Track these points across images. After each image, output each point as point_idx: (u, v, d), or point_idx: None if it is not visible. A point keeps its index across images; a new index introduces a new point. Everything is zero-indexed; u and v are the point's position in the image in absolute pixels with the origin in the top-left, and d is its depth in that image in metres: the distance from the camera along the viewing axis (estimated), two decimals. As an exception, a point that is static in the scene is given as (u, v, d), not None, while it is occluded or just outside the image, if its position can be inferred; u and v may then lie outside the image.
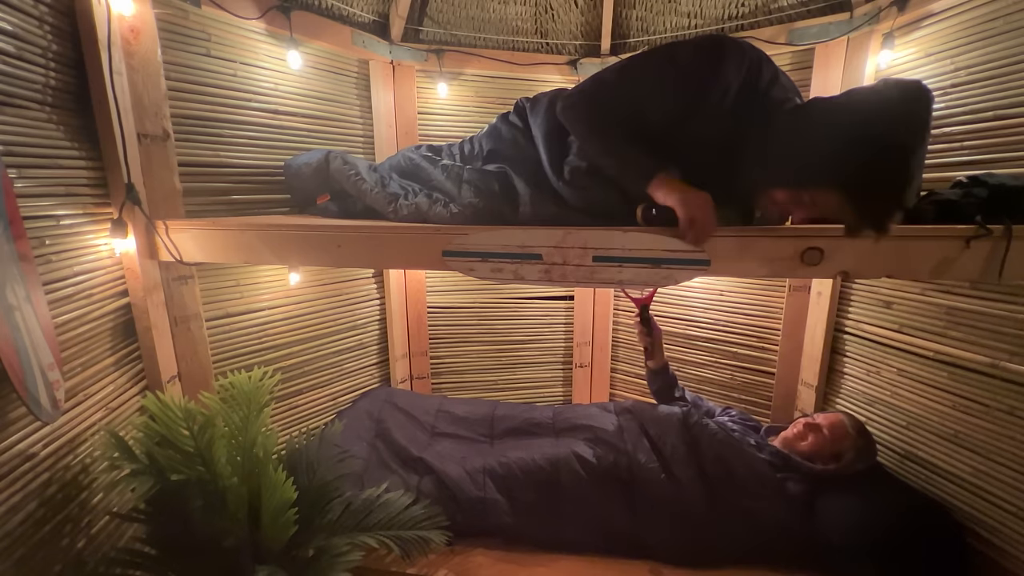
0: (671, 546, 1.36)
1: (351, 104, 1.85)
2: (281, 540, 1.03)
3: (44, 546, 0.95)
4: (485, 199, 1.19)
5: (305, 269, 1.69)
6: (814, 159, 0.90)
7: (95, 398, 1.11)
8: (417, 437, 1.69)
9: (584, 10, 1.97)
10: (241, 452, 1.06)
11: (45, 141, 1.00)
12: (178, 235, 1.21)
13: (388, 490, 1.31)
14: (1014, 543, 1.23)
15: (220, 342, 1.54)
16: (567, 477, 1.43)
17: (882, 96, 0.87)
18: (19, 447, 0.92)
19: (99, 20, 1.06)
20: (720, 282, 1.97)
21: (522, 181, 1.19)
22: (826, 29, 1.60)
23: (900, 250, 0.97)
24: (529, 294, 2.21)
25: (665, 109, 1.02)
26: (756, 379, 1.96)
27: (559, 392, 2.32)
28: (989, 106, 1.26)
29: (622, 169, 1.05)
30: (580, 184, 1.12)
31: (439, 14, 1.94)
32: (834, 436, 1.40)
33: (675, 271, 1.04)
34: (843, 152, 0.87)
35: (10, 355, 0.79)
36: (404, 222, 1.30)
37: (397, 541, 1.16)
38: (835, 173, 0.88)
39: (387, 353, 2.09)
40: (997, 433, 1.26)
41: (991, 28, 1.25)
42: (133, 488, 0.94)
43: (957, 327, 1.34)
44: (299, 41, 1.58)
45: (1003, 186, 0.98)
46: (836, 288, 1.67)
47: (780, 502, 1.34)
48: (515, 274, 1.10)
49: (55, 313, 0.99)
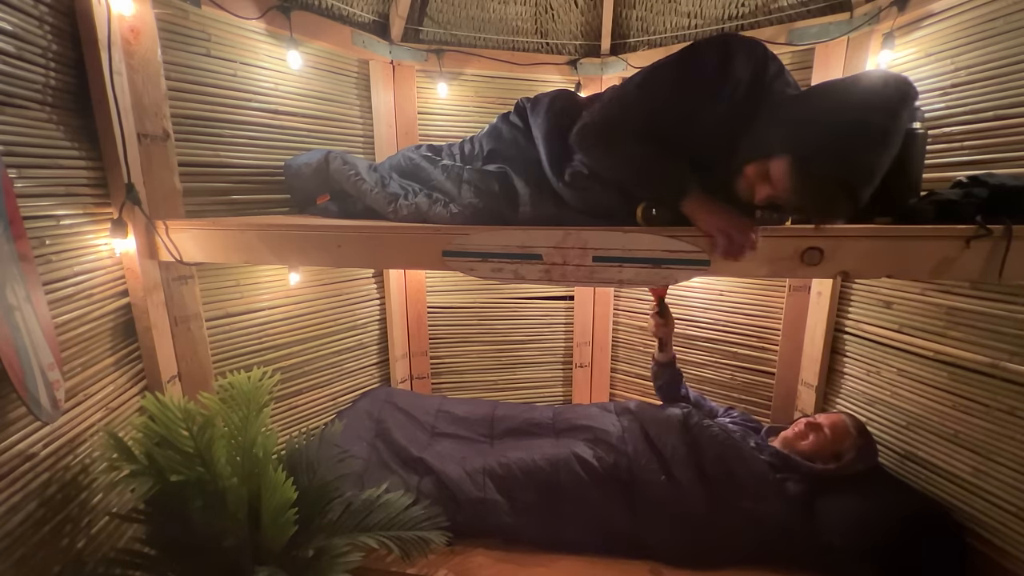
0: (671, 546, 1.36)
1: (351, 104, 1.85)
2: (281, 540, 1.03)
3: (44, 546, 0.95)
4: (485, 199, 1.19)
5: (305, 269, 1.69)
6: (780, 129, 0.90)
7: (95, 398, 1.11)
8: (417, 437, 1.69)
9: (584, 10, 1.97)
10: (241, 452, 1.06)
11: (45, 141, 1.00)
12: (178, 235, 1.21)
13: (388, 490, 1.31)
14: (1014, 543, 1.23)
15: (220, 342, 1.54)
16: (567, 477, 1.43)
17: (866, 81, 0.87)
18: (19, 447, 0.92)
19: (99, 20, 1.06)
20: (720, 282, 1.97)
21: (522, 181, 1.19)
22: (826, 29, 1.60)
23: (900, 250, 0.97)
24: (529, 294, 2.21)
25: (682, 114, 1.00)
26: (756, 379, 1.96)
27: (559, 392, 2.32)
28: (989, 106, 1.26)
29: (647, 191, 1.05)
30: (580, 185, 1.12)
31: (439, 14, 1.94)
32: (835, 435, 1.40)
33: (675, 271, 1.04)
34: (807, 123, 0.87)
35: (10, 355, 0.79)
36: (404, 222, 1.30)
37: (397, 541, 1.16)
38: (792, 141, 0.87)
39: (387, 353, 2.09)
40: (997, 433, 1.26)
41: (991, 28, 1.25)
42: (133, 489, 0.94)
43: (957, 327, 1.34)
44: (299, 41, 1.58)
45: (1003, 186, 0.98)
46: (836, 288, 1.67)
47: (780, 503, 1.34)
48: (515, 274, 1.10)
49: (55, 313, 0.99)
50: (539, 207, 1.16)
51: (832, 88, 0.92)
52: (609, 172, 1.08)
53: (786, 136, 0.89)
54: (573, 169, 1.12)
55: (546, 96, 1.25)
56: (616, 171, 1.07)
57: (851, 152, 0.83)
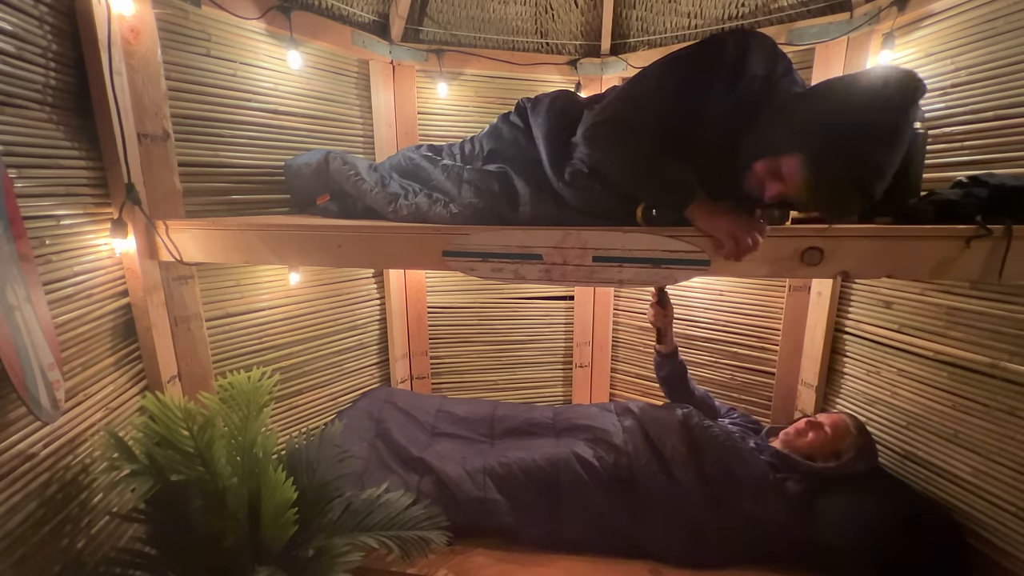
0: (671, 547, 1.36)
1: (351, 104, 1.85)
2: (281, 540, 1.03)
3: (44, 546, 0.95)
4: (485, 199, 1.19)
5: (305, 269, 1.69)
6: (792, 126, 0.90)
7: (95, 398, 1.12)
8: (417, 437, 1.69)
9: (584, 10, 1.97)
10: (241, 452, 1.06)
11: (45, 141, 1.00)
12: (178, 235, 1.21)
13: (388, 490, 1.31)
14: (1014, 543, 1.23)
15: (220, 342, 1.54)
16: (567, 477, 1.43)
17: (875, 78, 0.87)
18: (19, 447, 0.92)
19: (99, 20, 1.06)
20: (720, 282, 1.97)
21: (522, 181, 1.19)
22: (826, 29, 1.60)
23: (900, 250, 0.97)
24: (529, 294, 2.21)
25: (693, 107, 1.00)
26: (756, 379, 1.96)
27: (559, 392, 2.32)
28: (989, 106, 1.26)
29: (650, 193, 1.05)
30: (581, 185, 1.12)
31: (439, 14, 1.94)
32: (835, 433, 1.40)
33: (675, 271, 1.04)
34: (819, 121, 0.87)
35: (10, 355, 0.79)
36: (404, 222, 1.30)
37: (397, 541, 1.16)
38: (804, 138, 0.87)
39: (387, 353, 2.09)
40: (997, 433, 1.26)
41: (991, 28, 1.25)
42: (133, 488, 0.94)
43: (957, 327, 1.34)
44: (299, 41, 1.58)
45: (1003, 186, 0.98)
46: (836, 288, 1.67)
47: (780, 503, 1.34)
48: (515, 274, 1.10)
49: (55, 313, 0.99)
50: (539, 207, 1.16)
51: (841, 85, 0.92)
52: (615, 171, 1.07)
53: (798, 133, 0.89)
54: (573, 168, 1.12)
55: (547, 96, 1.25)
56: (622, 170, 1.06)
57: (863, 149, 0.83)
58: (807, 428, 1.45)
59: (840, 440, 1.40)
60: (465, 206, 1.21)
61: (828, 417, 1.46)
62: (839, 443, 1.39)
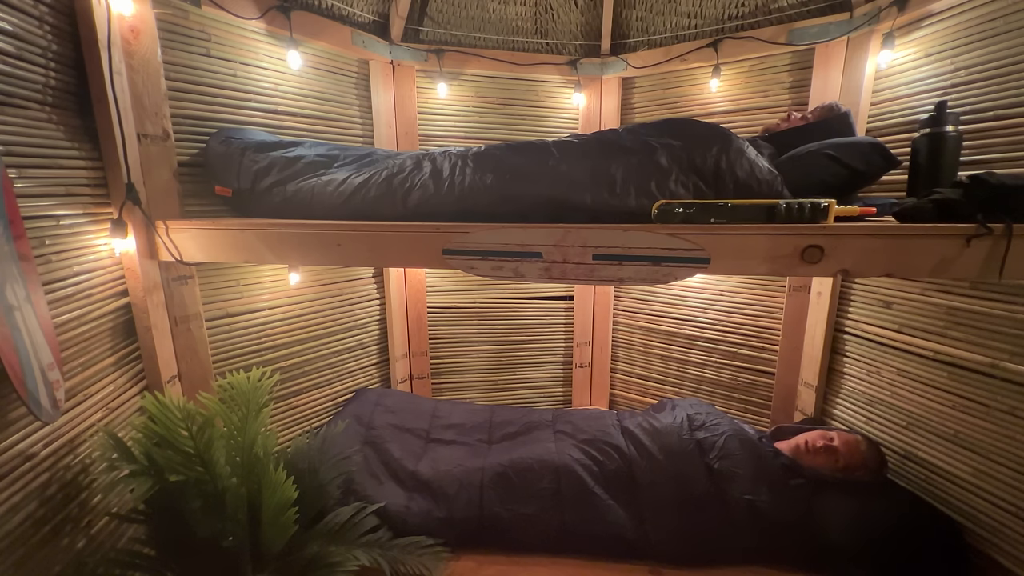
0: (671, 547, 1.36)
1: (351, 104, 1.85)
2: (281, 540, 1.03)
3: (44, 546, 0.95)
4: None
5: (305, 269, 1.69)
6: None
7: (95, 398, 1.11)
8: (411, 445, 1.64)
9: (584, 10, 1.97)
10: (240, 452, 1.06)
11: (45, 141, 1.00)
12: (178, 235, 1.21)
13: (376, 501, 1.31)
14: (1014, 543, 1.23)
15: (220, 342, 1.54)
16: (567, 479, 1.43)
17: None
18: (19, 447, 0.92)
19: (99, 20, 1.06)
20: (720, 282, 1.97)
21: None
22: (826, 29, 1.60)
23: (900, 249, 0.97)
24: (529, 294, 2.21)
25: None
26: (756, 379, 1.95)
27: (559, 392, 2.31)
28: (989, 106, 1.26)
29: None
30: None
31: (439, 14, 1.95)
32: (847, 464, 1.39)
33: (675, 269, 1.04)
34: None
35: (10, 355, 0.79)
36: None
37: (391, 562, 1.17)
38: None
39: (387, 353, 2.09)
40: (997, 433, 1.26)
41: (991, 28, 1.25)
42: (132, 489, 0.94)
43: (957, 327, 1.34)
44: (299, 41, 1.58)
45: (1003, 186, 0.98)
46: (836, 288, 1.67)
47: (781, 504, 1.34)
48: (515, 272, 1.10)
49: (55, 313, 0.99)
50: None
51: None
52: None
53: None
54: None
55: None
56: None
57: None
58: (822, 450, 1.42)
59: (850, 458, 1.39)
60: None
61: (843, 442, 1.42)
62: (849, 460, 1.39)
